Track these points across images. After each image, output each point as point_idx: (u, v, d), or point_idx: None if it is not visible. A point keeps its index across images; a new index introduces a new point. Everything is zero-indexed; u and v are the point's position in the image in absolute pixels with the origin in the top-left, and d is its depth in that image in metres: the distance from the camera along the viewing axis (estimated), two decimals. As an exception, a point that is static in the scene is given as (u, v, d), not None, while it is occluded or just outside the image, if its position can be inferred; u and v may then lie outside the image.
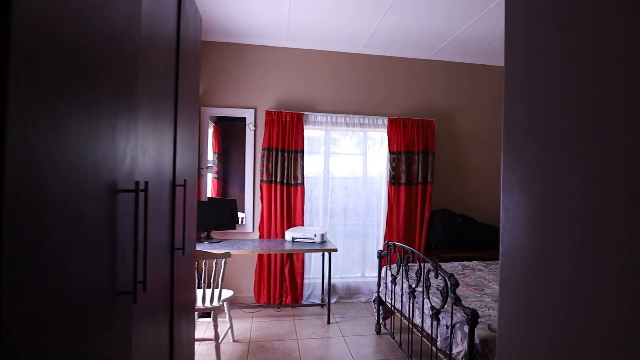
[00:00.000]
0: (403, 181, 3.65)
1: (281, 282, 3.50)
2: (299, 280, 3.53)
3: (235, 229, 3.43)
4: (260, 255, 3.46)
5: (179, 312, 1.48)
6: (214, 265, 2.43)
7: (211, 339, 2.40)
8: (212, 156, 3.61)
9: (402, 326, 2.57)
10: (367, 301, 3.68)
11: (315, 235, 3.19)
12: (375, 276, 3.64)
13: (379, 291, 2.93)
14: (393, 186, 3.66)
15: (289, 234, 3.26)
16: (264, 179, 3.46)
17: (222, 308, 2.57)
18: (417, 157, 3.67)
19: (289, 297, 3.50)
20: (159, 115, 1.18)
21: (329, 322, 3.13)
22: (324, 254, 3.54)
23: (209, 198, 3.56)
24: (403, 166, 3.64)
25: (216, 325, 2.38)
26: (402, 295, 2.47)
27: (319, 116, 3.59)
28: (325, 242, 3.25)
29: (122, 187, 0.84)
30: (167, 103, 1.27)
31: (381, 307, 2.92)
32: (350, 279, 3.81)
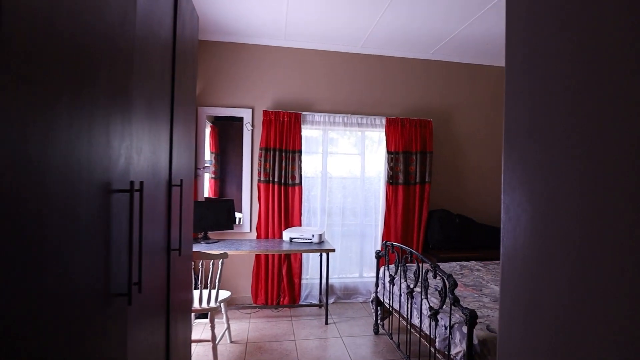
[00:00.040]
0: (401, 181, 3.65)
1: (279, 282, 3.49)
2: (296, 280, 3.52)
3: (232, 229, 3.42)
4: (257, 255, 3.45)
5: (175, 313, 1.47)
6: (211, 265, 2.41)
7: (208, 340, 2.38)
8: (209, 156, 3.60)
9: (400, 327, 2.57)
10: (365, 301, 3.67)
11: (313, 236, 3.18)
12: (373, 276, 3.63)
13: (377, 291, 2.92)
14: (391, 186, 3.66)
15: (287, 234, 3.25)
16: (262, 178, 3.45)
17: (219, 309, 2.56)
18: (415, 157, 3.67)
19: (286, 298, 3.49)
20: (155, 114, 1.17)
21: (326, 322, 3.12)
22: (321, 254, 3.53)
23: (206, 198, 3.54)
24: (401, 166, 3.64)
25: (213, 327, 2.36)
26: (400, 295, 2.47)
27: (317, 116, 3.59)
28: (323, 242, 3.24)
29: (116, 187, 0.83)
30: (163, 102, 1.26)
31: (379, 308, 2.92)
32: (348, 279, 3.80)
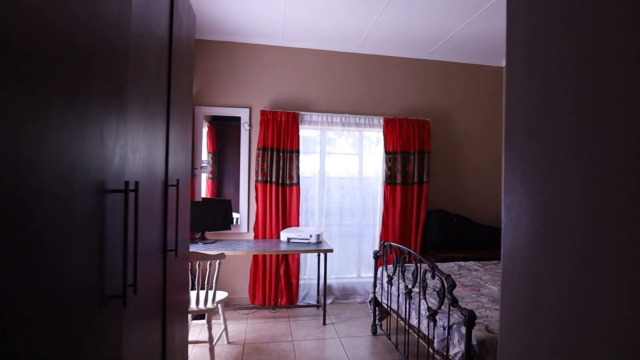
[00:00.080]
0: (399, 181, 3.65)
1: (276, 283, 3.47)
2: (294, 281, 3.51)
3: (229, 229, 3.40)
4: (255, 256, 3.44)
5: (171, 314, 1.46)
6: (208, 266, 2.40)
7: (205, 341, 2.37)
8: (206, 156, 3.58)
9: (399, 327, 2.56)
10: (363, 302, 3.66)
11: (311, 236, 3.17)
12: (371, 277, 3.63)
13: (375, 292, 2.92)
14: (389, 186, 3.65)
15: (284, 234, 3.24)
16: (259, 178, 3.44)
17: (217, 310, 2.55)
18: (413, 157, 3.67)
19: (284, 298, 3.48)
20: (151, 113, 1.15)
21: (324, 323, 3.11)
22: (319, 254, 3.52)
23: (203, 198, 3.52)
24: (399, 166, 3.64)
25: (210, 328, 2.35)
26: (399, 296, 2.46)
27: (315, 116, 3.58)
28: (321, 242, 3.23)
29: (111, 187, 0.82)
30: (159, 101, 1.25)
31: (377, 308, 2.91)
32: (346, 279, 3.79)
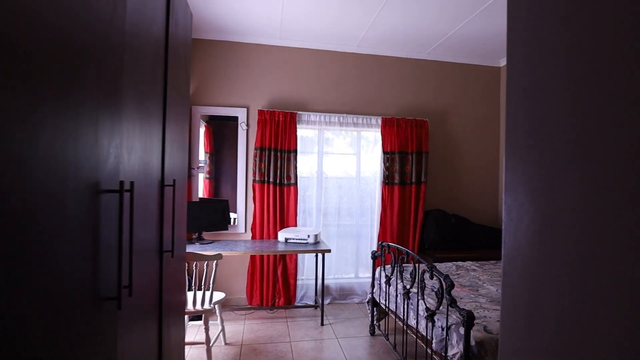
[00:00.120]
0: (397, 181, 3.65)
1: (274, 283, 3.46)
2: (292, 281, 3.50)
3: (227, 229, 3.39)
4: (252, 256, 3.42)
5: (168, 315, 1.44)
6: (205, 267, 2.38)
7: (202, 342, 2.35)
8: (203, 156, 3.56)
9: (397, 327, 2.56)
10: (360, 302, 3.66)
11: (309, 236, 3.16)
12: (369, 277, 3.62)
13: (373, 292, 2.91)
14: (387, 186, 3.65)
15: (282, 234, 3.23)
16: (257, 179, 3.42)
17: (214, 311, 2.53)
18: (410, 157, 3.67)
19: (281, 299, 3.46)
20: (147, 113, 1.14)
21: (322, 323, 3.10)
22: (317, 254, 3.51)
23: (200, 198, 3.51)
24: (397, 166, 3.64)
25: (207, 329, 2.33)
26: (397, 296, 2.46)
27: (312, 115, 3.57)
28: (319, 242, 3.23)
29: (105, 187, 0.81)
30: (155, 101, 1.23)
31: (375, 309, 2.90)
32: (344, 279, 3.79)
